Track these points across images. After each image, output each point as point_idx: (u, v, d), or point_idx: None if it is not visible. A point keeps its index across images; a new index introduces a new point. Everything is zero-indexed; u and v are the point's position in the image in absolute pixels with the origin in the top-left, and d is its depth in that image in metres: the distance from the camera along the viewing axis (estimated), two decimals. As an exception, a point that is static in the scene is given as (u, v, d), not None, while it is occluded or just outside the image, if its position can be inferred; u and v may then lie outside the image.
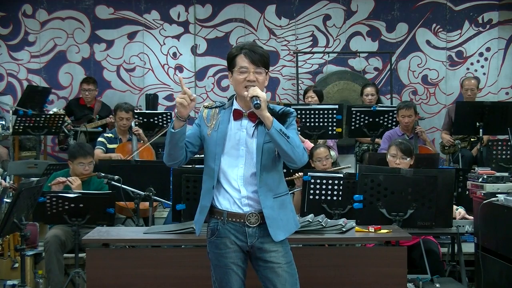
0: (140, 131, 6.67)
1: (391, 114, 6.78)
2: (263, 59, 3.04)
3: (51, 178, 5.32)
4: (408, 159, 4.86)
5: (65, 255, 5.11)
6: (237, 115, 3.08)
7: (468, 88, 7.31)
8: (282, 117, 3.06)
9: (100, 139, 6.62)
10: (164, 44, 8.66)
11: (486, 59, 8.72)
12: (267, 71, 3.07)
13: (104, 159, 6.10)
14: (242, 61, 3.03)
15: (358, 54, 8.61)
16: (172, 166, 3.58)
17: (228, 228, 3.07)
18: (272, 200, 3.05)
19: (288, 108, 3.13)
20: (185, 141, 3.08)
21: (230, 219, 3.06)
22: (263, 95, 2.94)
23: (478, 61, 8.73)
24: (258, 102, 2.90)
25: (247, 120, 3.06)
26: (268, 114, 2.95)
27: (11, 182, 5.33)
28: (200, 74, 8.68)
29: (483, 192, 4.30)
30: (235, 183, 3.05)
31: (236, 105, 3.11)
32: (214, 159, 3.06)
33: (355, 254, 4.01)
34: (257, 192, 3.03)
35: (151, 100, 8.39)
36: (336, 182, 4.83)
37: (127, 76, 8.64)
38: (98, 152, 6.39)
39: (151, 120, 7.16)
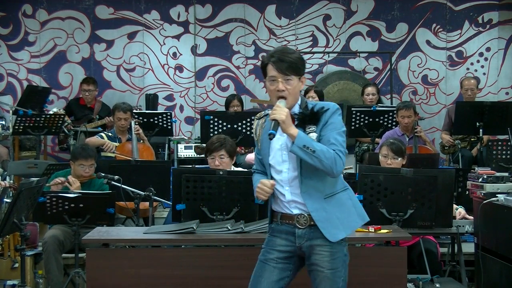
0: (141, 130, 6.67)
1: (391, 114, 6.78)
2: (292, 66, 2.98)
3: (52, 178, 5.31)
4: (399, 159, 4.86)
5: (65, 255, 5.11)
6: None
7: (468, 88, 7.31)
8: (314, 116, 3.00)
9: (100, 133, 6.66)
10: (164, 44, 8.66)
11: (486, 59, 8.72)
12: (299, 76, 3.02)
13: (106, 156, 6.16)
14: (270, 70, 3.01)
15: (358, 54, 8.61)
16: None
17: (281, 229, 3.10)
18: (323, 201, 3.01)
19: (324, 104, 3.05)
20: (259, 159, 3.19)
21: (283, 220, 3.09)
22: (282, 116, 2.89)
23: (478, 61, 8.73)
24: (273, 132, 2.91)
25: None
26: (291, 132, 2.92)
27: (12, 181, 5.32)
28: (200, 74, 8.68)
29: (483, 192, 4.29)
30: (281, 188, 3.06)
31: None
32: (267, 168, 3.12)
33: (355, 254, 3.98)
34: (302, 196, 3.01)
35: (151, 100, 8.39)
36: (336, 182, 4.82)
37: (127, 76, 8.64)
38: (94, 139, 6.47)
39: (151, 120, 7.16)
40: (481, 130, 6.49)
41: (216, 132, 6.14)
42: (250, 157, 6.40)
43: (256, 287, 3.08)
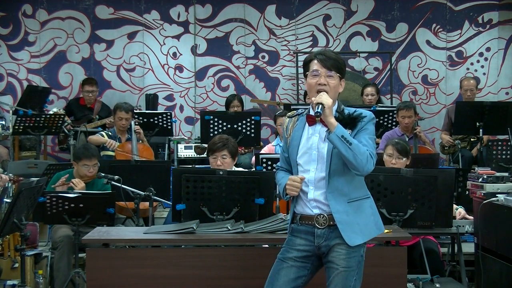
0: (141, 130, 6.68)
1: (391, 114, 6.78)
2: (336, 64, 3.08)
3: (54, 178, 5.31)
4: (404, 159, 4.86)
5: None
6: (311, 121, 3.11)
7: (468, 89, 7.31)
8: (352, 121, 3.06)
9: (100, 132, 6.68)
10: (164, 44, 8.66)
11: (486, 59, 8.73)
12: (340, 76, 3.10)
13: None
14: (314, 65, 3.09)
15: (358, 54, 8.61)
16: None
17: (300, 229, 3.13)
18: (346, 204, 3.04)
19: (362, 111, 3.11)
20: (285, 157, 3.23)
21: (302, 221, 3.12)
22: (328, 102, 2.97)
23: (478, 61, 8.73)
24: (319, 111, 2.95)
25: (321, 125, 3.08)
26: (332, 120, 2.97)
27: (11, 175, 5.32)
28: (200, 74, 8.69)
29: (483, 192, 4.29)
30: (306, 187, 3.09)
31: (311, 111, 3.12)
32: (293, 166, 3.15)
33: (355, 254, 4.00)
34: (326, 196, 3.04)
35: (151, 100, 8.40)
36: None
37: (127, 76, 8.64)
38: (95, 137, 6.50)
39: (151, 120, 7.16)
40: (481, 130, 6.49)
41: (216, 132, 6.14)
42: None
43: (273, 284, 3.11)
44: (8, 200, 4.99)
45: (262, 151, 6.33)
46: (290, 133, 3.18)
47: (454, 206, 4.57)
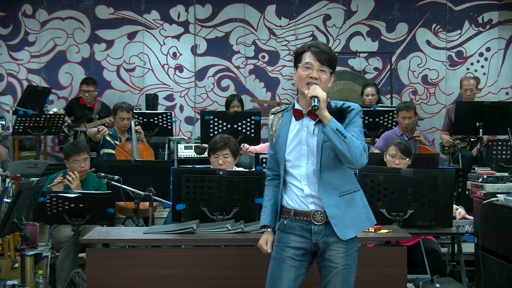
0: (141, 130, 6.68)
1: (391, 114, 6.78)
2: (329, 58, 3.04)
3: (49, 180, 5.30)
4: (407, 159, 4.88)
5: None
6: (298, 115, 3.08)
7: (468, 89, 7.32)
8: (341, 114, 3.04)
9: None
10: (164, 44, 8.66)
11: (486, 59, 8.73)
12: (331, 71, 3.07)
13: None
14: (308, 57, 3.05)
15: (358, 54, 8.61)
16: None
17: (294, 225, 3.09)
18: (338, 198, 3.02)
19: (350, 104, 3.09)
20: (272, 154, 3.20)
21: (297, 217, 3.08)
22: (323, 95, 2.94)
23: (478, 61, 8.73)
24: (317, 104, 2.91)
25: (308, 119, 3.05)
26: (326, 113, 2.94)
27: (7, 172, 5.33)
28: (200, 74, 8.69)
29: (483, 192, 4.29)
30: (298, 183, 3.07)
31: (297, 105, 3.11)
32: (281, 163, 3.11)
33: (355, 254, 4.00)
34: (318, 190, 3.02)
35: (151, 100, 8.40)
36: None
37: (127, 76, 8.64)
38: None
39: (151, 120, 7.16)
40: (481, 130, 6.49)
41: (216, 132, 6.14)
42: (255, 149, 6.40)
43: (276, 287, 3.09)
44: (8, 200, 5.00)
45: (257, 148, 6.30)
46: (275, 130, 3.14)
47: (454, 206, 4.58)
